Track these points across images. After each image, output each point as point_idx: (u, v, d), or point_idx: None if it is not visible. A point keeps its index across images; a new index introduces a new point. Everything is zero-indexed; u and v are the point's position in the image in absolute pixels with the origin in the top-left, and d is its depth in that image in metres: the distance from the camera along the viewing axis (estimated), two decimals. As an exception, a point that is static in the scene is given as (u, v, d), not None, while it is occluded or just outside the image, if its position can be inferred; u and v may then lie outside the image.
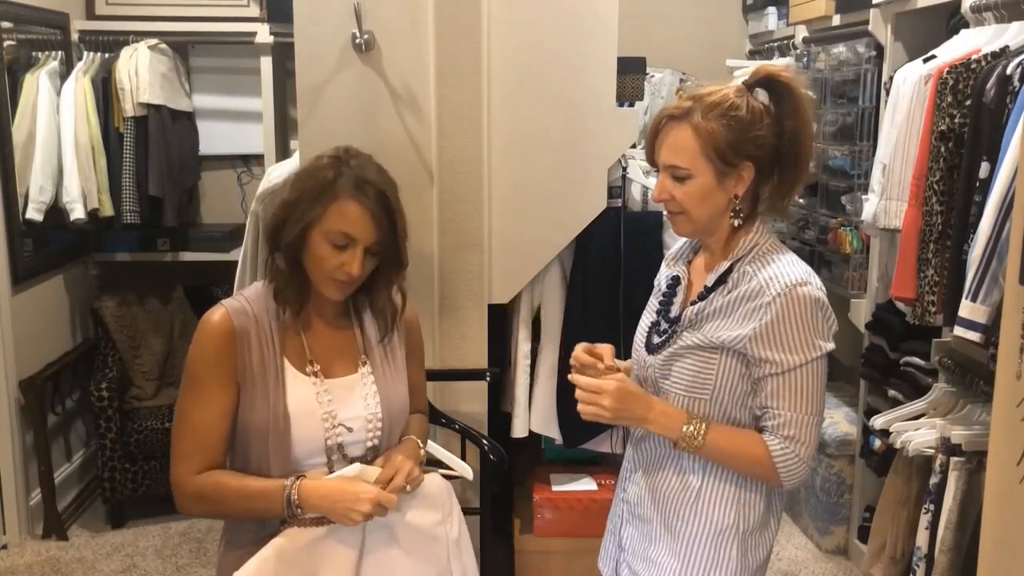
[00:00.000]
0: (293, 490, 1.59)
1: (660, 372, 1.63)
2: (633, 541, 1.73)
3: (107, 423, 3.46)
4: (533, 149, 2.55)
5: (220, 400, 1.64)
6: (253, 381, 1.65)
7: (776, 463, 1.54)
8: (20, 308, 3.41)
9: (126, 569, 3.27)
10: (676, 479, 1.65)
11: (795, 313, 1.51)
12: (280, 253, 1.69)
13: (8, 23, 3.41)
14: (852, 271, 3.33)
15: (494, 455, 2.33)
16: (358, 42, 2.42)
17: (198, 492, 1.65)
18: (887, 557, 2.72)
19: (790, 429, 1.53)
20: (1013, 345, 1.50)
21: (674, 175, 1.57)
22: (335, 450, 1.68)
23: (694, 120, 1.54)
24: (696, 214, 1.58)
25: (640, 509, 1.71)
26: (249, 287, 1.76)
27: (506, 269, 2.60)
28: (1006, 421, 1.52)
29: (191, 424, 1.65)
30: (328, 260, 1.64)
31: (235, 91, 4.08)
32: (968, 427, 2.44)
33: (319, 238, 1.64)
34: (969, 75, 2.34)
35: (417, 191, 2.51)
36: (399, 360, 1.80)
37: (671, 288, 1.71)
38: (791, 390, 1.53)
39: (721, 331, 1.56)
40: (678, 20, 4.47)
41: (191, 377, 1.66)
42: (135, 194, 3.62)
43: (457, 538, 1.78)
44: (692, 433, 1.55)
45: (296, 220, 1.65)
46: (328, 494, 1.59)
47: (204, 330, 1.66)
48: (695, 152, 1.54)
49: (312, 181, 1.66)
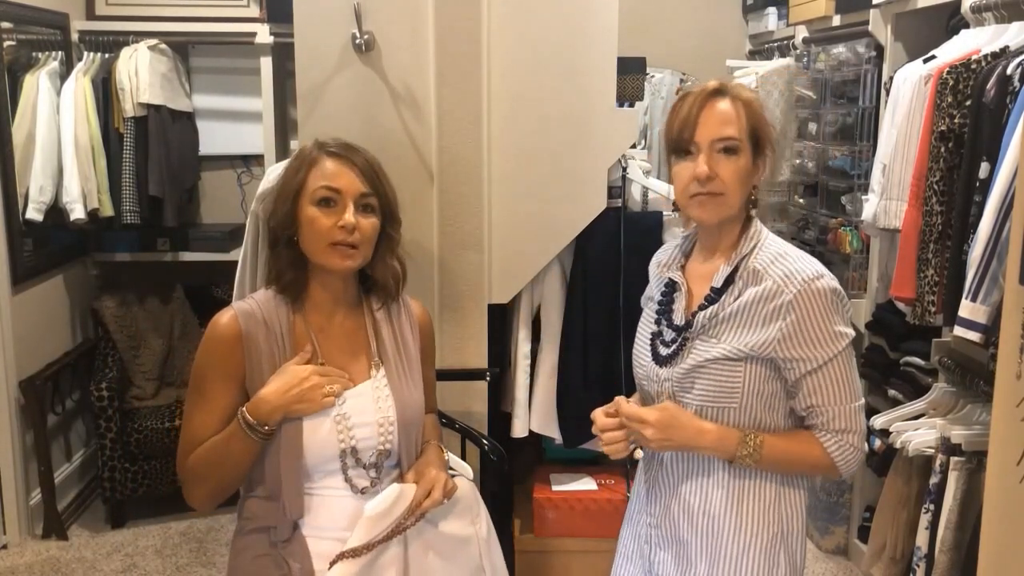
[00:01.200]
0: (244, 415, 1.59)
1: (680, 386, 1.58)
2: (667, 567, 1.66)
3: (107, 423, 3.46)
4: (533, 149, 2.55)
5: (221, 401, 1.64)
6: (263, 384, 1.63)
7: (835, 459, 1.55)
8: (20, 308, 3.41)
9: (126, 569, 3.27)
10: (712, 492, 1.60)
11: (818, 308, 1.50)
12: (280, 245, 1.69)
13: (8, 23, 3.41)
14: (852, 271, 3.33)
15: (494, 455, 2.33)
16: (358, 42, 2.42)
17: (190, 471, 1.65)
18: (887, 557, 2.72)
19: (840, 422, 1.54)
20: (1013, 345, 1.50)
21: (726, 147, 1.53)
22: (348, 454, 1.66)
23: (740, 96, 1.55)
24: (734, 197, 1.55)
25: (674, 531, 1.64)
26: (259, 291, 1.76)
27: (506, 269, 2.60)
28: (1006, 421, 1.52)
29: (191, 424, 1.66)
30: (321, 221, 1.64)
31: (235, 91, 4.08)
32: (968, 427, 2.45)
33: (307, 205, 1.65)
34: (969, 75, 2.34)
35: (417, 191, 2.51)
36: (414, 362, 1.79)
37: (667, 295, 1.68)
38: (830, 383, 1.53)
39: (743, 337, 1.53)
40: (678, 20, 4.47)
41: (196, 378, 1.67)
42: (135, 194, 3.62)
43: (487, 538, 1.80)
44: (751, 451, 1.54)
45: (284, 199, 1.67)
46: (272, 396, 1.59)
47: (211, 332, 1.66)
48: (742, 127, 1.54)
49: (293, 163, 1.71)
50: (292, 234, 1.68)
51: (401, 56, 2.47)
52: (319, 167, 1.67)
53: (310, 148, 1.71)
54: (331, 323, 1.73)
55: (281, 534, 1.64)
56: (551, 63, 2.52)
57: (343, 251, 1.65)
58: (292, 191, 1.67)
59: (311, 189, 1.66)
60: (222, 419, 1.64)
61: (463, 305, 2.59)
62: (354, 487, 1.67)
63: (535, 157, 2.56)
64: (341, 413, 1.66)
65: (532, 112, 2.54)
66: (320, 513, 1.66)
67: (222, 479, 1.66)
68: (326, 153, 1.69)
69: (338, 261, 1.66)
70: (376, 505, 1.63)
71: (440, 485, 1.68)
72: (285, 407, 1.60)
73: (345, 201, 1.65)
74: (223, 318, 1.67)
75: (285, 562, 1.63)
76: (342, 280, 1.73)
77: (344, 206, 1.65)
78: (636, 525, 1.75)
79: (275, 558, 1.64)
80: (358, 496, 1.67)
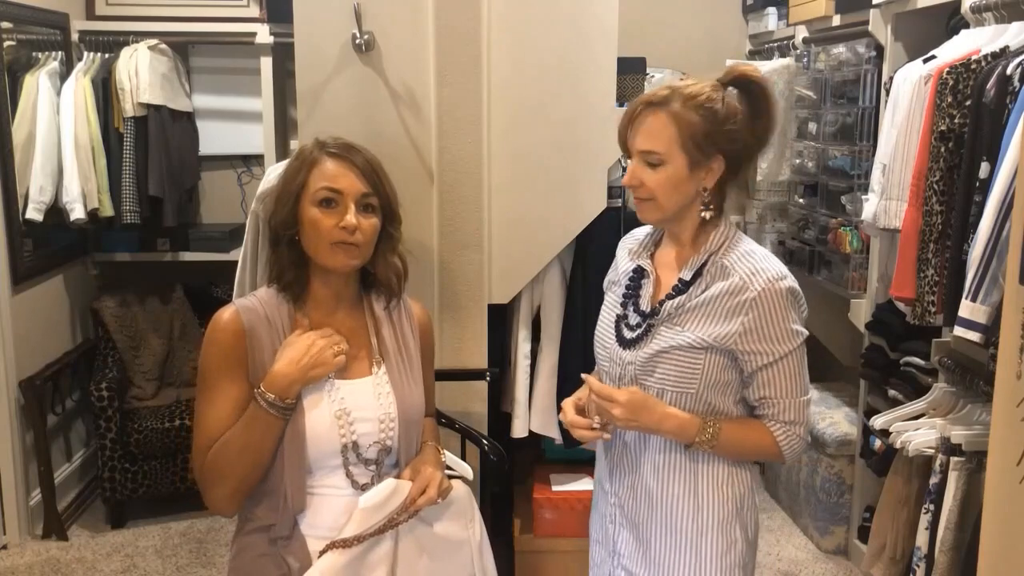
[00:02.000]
0: (262, 394, 1.59)
1: (642, 370, 1.66)
2: (629, 547, 1.73)
3: (107, 423, 3.46)
4: (533, 149, 2.55)
5: (231, 394, 1.64)
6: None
7: (781, 447, 1.65)
8: (20, 308, 3.41)
9: (126, 569, 3.27)
10: (669, 475, 1.68)
11: (778, 306, 1.59)
12: (281, 244, 1.70)
13: (8, 23, 3.41)
14: (852, 271, 3.33)
15: (494, 455, 2.33)
16: (358, 42, 2.42)
17: (210, 471, 1.63)
18: (887, 557, 2.72)
19: (789, 414, 1.64)
20: (1013, 345, 1.50)
21: (647, 160, 1.61)
22: (350, 449, 1.67)
23: (672, 108, 1.59)
24: (665, 202, 1.62)
25: (635, 511, 1.72)
26: (260, 289, 1.76)
27: (506, 269, 2.60)
28: (1006, 421, 1.52)
29: (205, 422, 1.65)
30: (322, 222, 1.64)
31: (235, 91, 4.08)
32: (968, 427, 2.45)
33: (308, 206, 1.66)
34: (969, 75, 2.34)
35: (417, 191, 2.51)
36: (415, 360, 1.80)
37: (634, 281, 1.74)
38: (783, 377, 1.62)
39: (706, 328, 1.61)
40: (678, 20, 4.47)
41: (202, 377, 1.66)
42: (135, 194, 3.62)
43: (480, 542, 1.80)
44: (708, 437, 1.62)
45: (285, 200, 1.68)
46: (287, 368, 1.60)
47: (213, 329, 1.66)
48: (671, 139, 1.59)
49: (294, 163, 1.72)
50: (294, 234, 1.68)
51: (401, 56, 2.47)
52: (320, 168, 1.67)
53: (310, 148, 1.71)
54: (332, 321, 1.73)
55: (281, 530, 1.64)
56: (551, 63, 2.52)
57: (345, 250, 1.66)
58: (294, 192, 1.68)
59: (312, 190, 1.66)
60: (234, 412, 1.63)
61: (463, 305, 2.59)
62: (355, 483, 1.67)
63: (535, 157, 2.56)
64: (343, 408, 1.66)
65: (532, 112, 2.54)
66: (320, 511, 1.66)
67: (245, 472, 1.62)
68: (327, 153, 1.69)
69: (340, 260, 1.67)
70: (370, 498, 1.64)
71: (435, 483, 1.69)
72: (302, 376, 1.61)
73: (346, 202, 1.66)
74: (225, 314, 1.67)
75: (284, 561, 1.63)
76: (343, 278, 1.74)
77: (345, 207, 1.65)
78: (601, 507, 1.82)
79: (274, 558, 1.64)
80: (359, 493, 1.67)
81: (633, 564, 1.72)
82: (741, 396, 1.67)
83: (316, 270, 1.72)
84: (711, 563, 1.67)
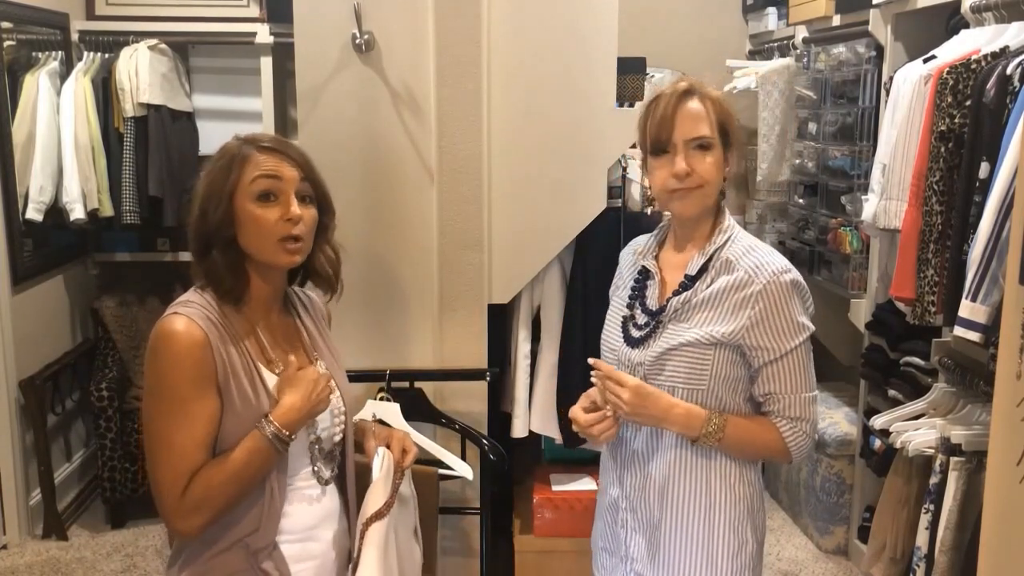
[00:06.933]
0: (271, 429, 1.55)
1: (651, 369, 1.66)
2: (641, 550, 1.72)
3: (107, 423, 3.46)
4: (533, 149, 2.55)
5: (204, 415, 1.53)
6: (237, 385, 1.56)
7: (788, 443, 1.64)
8: (20, 308, 3.41)
9: (126, 569, 3.27)
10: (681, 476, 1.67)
11: (784, 299, 1.60)
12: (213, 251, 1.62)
13: (8, 23, 3.41)
14: (852, 271, 3.33)
15: (494, 455, 2.34)
16: (358, 42, 2.42)
17: (196, 501, 1.52)
18: (887, 557, 2.72)
19: (795, 410, 1.63)
20: (1013, 345, 1.50)
21: (700, 144, 1.62)
22: (315, 444, 1.68)
23: (704, 94, 1.65)
24: (713, 189, 1.65)
25: (648, 514, 1.71)
26: (189, 294, 1.65)
27: (506, 269, 2.60)
28: (1006, 421, 1.52)
29: (179, 450, 1.51)
30: (265, 218, 1.58)
31: (235, 91, 4.07)
32: (968, 427, 2.45)
33: (245, 202, 1.58)
34: (969, 75, 2.34)
35: (417, 191, 2.51)
36: (337, 352, 1.80)
37: (640, 282, 1.75)
38: (789, 372, 1.62)
39: (713, 324, 1.62)
40: (678, 20, 4.47)
41: (170, 397, 1.51)
42: (135, 194, 3.62)
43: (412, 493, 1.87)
44: (713, 431, 1.62)
45: (216, 202, 1.59)
46: (301, 404, 1.59)
47: (175, 342, 1.51)
48: (712, 124, 1.64)
49: (217, 163, 1.62)
50: (231, 236, 1.61)
51: (401, 56, 2.47)
52: (253, 161, 1.60)
53: (237, 145, 1.62)
54: (269, 320, 1.69)
55: (265, 536, 1.59)
56: (551, 63, 2.52)
57: (290, 246, 1.60)
58: (226, 191, 1.59)
59: (248, 183, 1.58)
60: (210, 434, 1.53)
61: (463, 305, 2.59)
62: (320, 478, 1.69)
63: (535, 157, 2.56)
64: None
65: (532, 112, 2.54)
66: (290, 512, 1.64)
67: (233, 501, 1.56)
68: (256, 148, 1.62)
69: (285, 258, 1.61)
70: (378, 469, 1.72)
71: (408, 441, 1.79)
72: (310, 413, 1.61)
73: (287, 192, 1.60)
74: (178, 325, 1.53)
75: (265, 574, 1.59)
76: (280, 274, 1.69)
77: (287, 198, 1.59)
78: (610, 512, 1.81)
79: (254, 572, 1.59)
80: (323, 489, 1.69)
81: (645, 567, 1.71)
82: (751, 394, 1.67)
83: (256, 269, 1.64)
84: (723, 564, 1.66)
